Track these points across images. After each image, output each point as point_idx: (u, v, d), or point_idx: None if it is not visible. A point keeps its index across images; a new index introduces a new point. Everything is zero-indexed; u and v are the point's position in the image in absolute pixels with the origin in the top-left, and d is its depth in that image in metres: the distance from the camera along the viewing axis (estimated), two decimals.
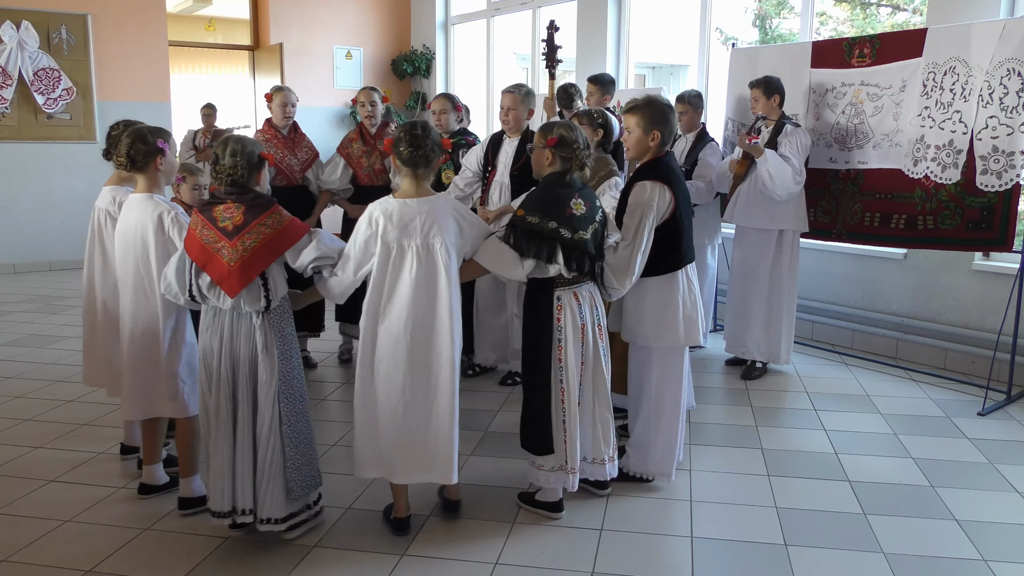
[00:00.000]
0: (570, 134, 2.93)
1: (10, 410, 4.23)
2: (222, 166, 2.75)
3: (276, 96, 4.87)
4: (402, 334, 2.74)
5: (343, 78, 9.80)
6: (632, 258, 3.03)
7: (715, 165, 4.98)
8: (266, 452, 2.76)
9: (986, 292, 4.84)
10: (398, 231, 2.72)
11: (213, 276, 2.71)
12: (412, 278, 2.72)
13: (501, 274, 2.95)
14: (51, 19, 8.03)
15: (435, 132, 2.86)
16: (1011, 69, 4.12)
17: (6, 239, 8.07)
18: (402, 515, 2.94)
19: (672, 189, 3.09)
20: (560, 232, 2.83)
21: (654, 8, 9.00)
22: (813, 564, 2.77)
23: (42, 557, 2.80)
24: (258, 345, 2.75)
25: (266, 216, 2.74)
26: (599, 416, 3.05)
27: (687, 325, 3.20)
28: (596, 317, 3.03)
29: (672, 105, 3.25)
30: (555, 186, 2.92)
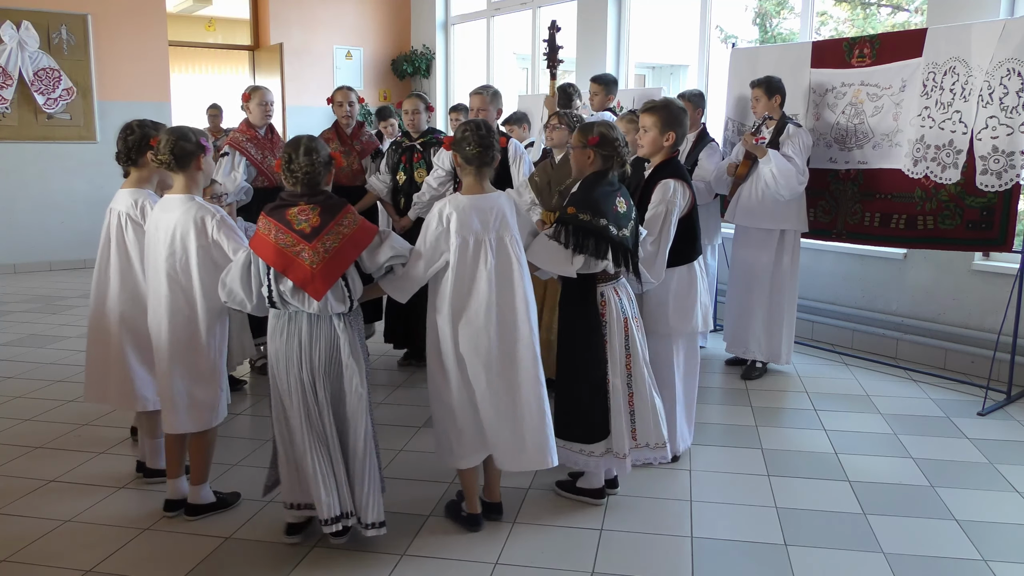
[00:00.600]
0: (611, 132, 3.01)
1: (10, 410, 4.23)
2: (298, 165, 2.68)
3: (254, 96, 4.74)
4: (483, 328, 2.78)
5: (343, 78, 9.79)
6: (660, 252, 3.27)
7: (715, 165, 4.98)
8: (364, 458, 2.74)
9: (986, 292, 4.84)
10: (475, 226, 2.77)
11: (296, 280, 2.64)
12: (488, 272, 2.77)
13: (552, 271, 3.00)
14: (51, 19, 8.03)
15: (495, 128, 2.94)
16: (1011, 69, 4.12)
17: (6, 239, 8.07)
18: (476, 510, 2.99)
19: (690, 187, 3.35)
20: (609, 229, 2.92)
21: (654, 8, 9.00)
22: (813, 564, 2.77)
23: (42, 557, 2.80)
24: (343, 349, 2.73)
25: (342, 216, 2.70)
26: (653, 400, 3.14)
27: (704, 312, 3.49)
28: (634, 310, 3.16)
29: (686, 109, 3.42)
30: (600, 184, 3.01)
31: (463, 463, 2.92)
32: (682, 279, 3.42)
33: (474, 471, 2.96)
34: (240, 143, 4.63)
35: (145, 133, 3.15)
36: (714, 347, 5.40)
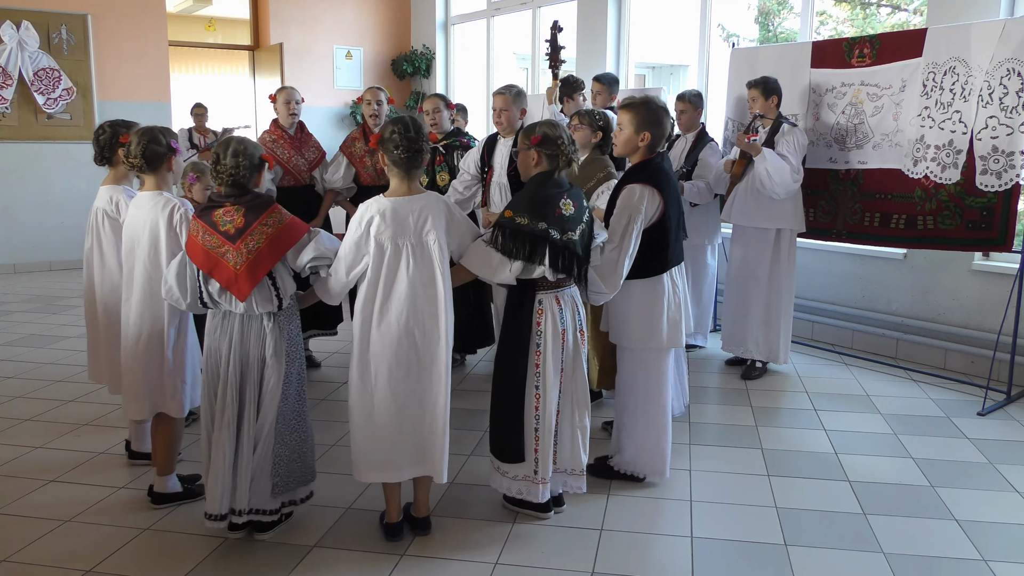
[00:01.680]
0: (553, 131, 2.87)
1: (10, 410, 4.23)
2: (224, 166, 2.72)
3: (280, 95, 4.90)
4: (402, 333, 2.71)
5: (343, 78, 9.80)
6: (619, 261, 3.02)
7: (715, 165, 4.98)
8: (262, 450, 2.77)
9: (986, 292, 4.84)
10: (392, 230, 2.69)
11: (221, 281, 2.69)
12: (408, 276, 2.70)
13: (487, 278, 2.85)
14: (51, 19, 8.03)
15: (424, 127, 2.84)
16: (1011, 69, 4.12)
17: (6, 239, 8.07)
18: (394, 520, 2.92)
19: (661, 192, 3.07)
20: (550, 233, 2.77)
21: (654, 8, 9.00)
22: (813, 564, 2.77)
23: (42, 557, 2.80)
24: (268, 348, 2.75)
25: (267, 216, 2.72)
26: (579, 424, 2.99)
27: (671, 328, 3.20)
28: (578, 322, 2.97)
29: (667, 109, 3.21)
30: (544, 186, 2.86)
31: (365, 476, 2.82)
32: (646, 292, 3.17)
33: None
34: (267, 144, 4.79)
35: (115, 132, 3.27)
36: (714, 347, 5.40)
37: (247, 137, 2.90)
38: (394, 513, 2.92)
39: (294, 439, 2.83)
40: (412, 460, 2.81)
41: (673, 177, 3.23)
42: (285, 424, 2.80)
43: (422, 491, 2.93)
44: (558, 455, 2.99)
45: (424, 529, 2.93)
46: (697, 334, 5.43)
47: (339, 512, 3.10)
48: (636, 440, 3.30)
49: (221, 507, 2.75)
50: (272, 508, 2.84)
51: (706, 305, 5.44)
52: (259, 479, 2.79)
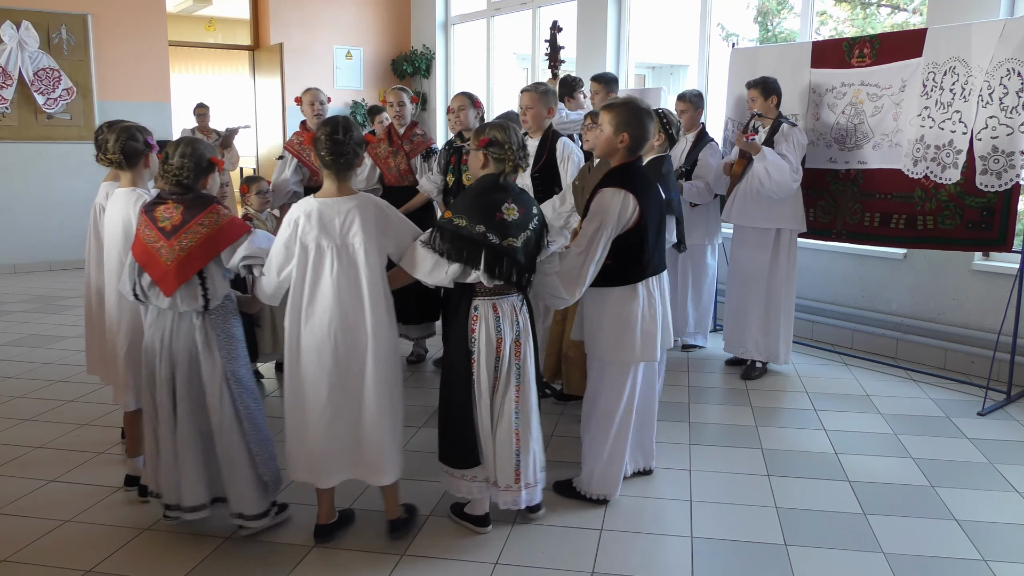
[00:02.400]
0: (502, 135, 2.80)
1: (10, 410, 4.23)
2: (170, 166, 2.77)
3: (305, 97, 4.92)
4: (327, 335, 2.69)
5: (343, 78, 9.80)
6: (584, 266, 2.89)
7: (715, 165, 4.98)
8: (224, 450, 2.80)
9: (986, 292, 4.84)
10: (317, 231, 2.66)
11: (152, 276, 2.74)
12: (334, 279, 2.67)
13: (424, 280, 2.79)
14: (51, 19, 8.03)
15: (358, 130, 2.77)
16: (1011, 69, 4.12)
17: (6, 239, 8.07)
18: (323, 522, 2.91)
19: (638, 197, 2.94)
20: (488, 237, 2.69)
21: (654, 8, 9.00)
22: (813, 564, 2.77)
23: (42, 557, 2.80)
24: (199, 344, 2.77)
25: (203, 215, 2.74)
26: (512, 437, 2.84)
27: (644, 341, 3.05)
28: (516, 332, 2.84)
29: (651, 112, 3.09)
30: (487, 189, 2.80)
31: (296, 474, 2.82)
32: (620, 301, 3.03)
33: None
34: (294, 146, 4.84)
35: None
36: (714, 347, 5.40)
37: (201, 139, 2.95)
38: (323, 514, 2.90)
39: (263, 437, 2.86)
40: (345, 465, 2.79)
41: (653, 182, 3.13)
42: (250, 423, 2.82)
43: (386, 493, 2.90)
44: (496, 467, 2.88)
45: (395, 531, 2.91)
46: (697, 334, 5.44)
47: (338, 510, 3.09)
48: (594, 457, 3.17)
49: (170, 499, 2.84)
50: (257, 512, 2.86)
51: (706, 305, 5.44)
52: (238, 479, 2.81)
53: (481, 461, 2.87)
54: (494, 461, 2.86)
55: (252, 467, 2.83)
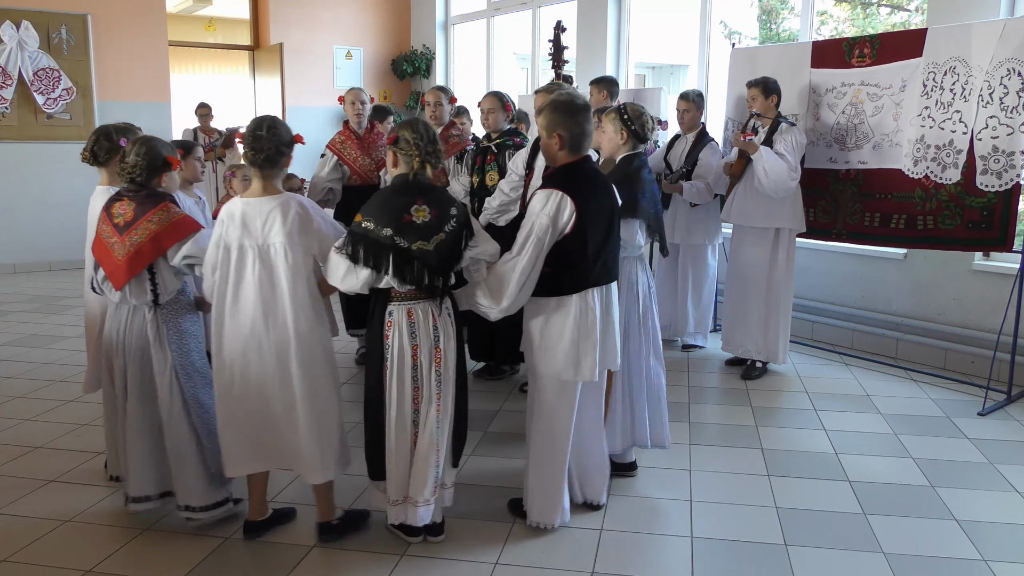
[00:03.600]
0: (408, 132, 2.68)
1: (10, 410, 4.23)
2: (125, 164, 2.84)
3: (347, 96, 4.92)
4: (251, 335, 2.70)
5: (343, 78, 9.79)
6: (512, 273, 2.70)
7: (715, 165, 4.98)
8: (172, 443, 2.86)
9: (986, 292, 4.83)
10: (239, 231, 2.66)
11: (105, 270, 2.83)
12: (256, 279, 2.67)
13: (339, 287, 2.69)
14: (51, 19, 8.03)
15: (285, 129, 2.74)
16: (1011, 69, 4.12)
17: (6, 239, 8.07)
18: (252, 517, 2.92)
19: (576, 200, 2.72)
20: (395, 240, 2.59)
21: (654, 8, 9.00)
22: (813, 564, 2.77)
23: (42, 557, 2.80)
24: (149, 337, 2.85)
25: (153, 212, 2.80)
26: (432, 450, 2.72)
27: (578, 357, 2.80)
28: (434, 340, 2.70)
29: (578, 103, 2.84)
30: (397, 190, 2.69)
31: (230, 470, 2.83)
32: (553, 313, 2.81)
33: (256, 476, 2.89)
34: (336, 145, 4.87)
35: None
36: (714, 347, 5.40)
37: (158, 138, 2.99)
38: (253, 510, 2.93)
39: (212, 431, 2.90)
40: (266, 458, 2.82)
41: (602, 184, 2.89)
42: (199, 416, 2.89)
43: (316, 493, 2.89)
44: (412, 482, 2.75)
45: (322, 535, 2.89)
46: (697, 334, 5.44)
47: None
48: (530, 477, 2.98)
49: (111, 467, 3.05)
50: (204, 504, 2.91)
51: (707, 305, 5.44)
52: (185, 471, 2.87)
53: (384, 476, 2.77)
54: (406, 474, 2.75)
55: (200, 459, 2.89)
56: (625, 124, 3.25)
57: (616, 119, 3.26)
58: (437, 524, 2.87)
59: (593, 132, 2.92)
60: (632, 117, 3.25)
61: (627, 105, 3.31)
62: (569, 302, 2.80)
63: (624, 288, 3.25)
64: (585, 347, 2.81)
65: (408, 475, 2.75)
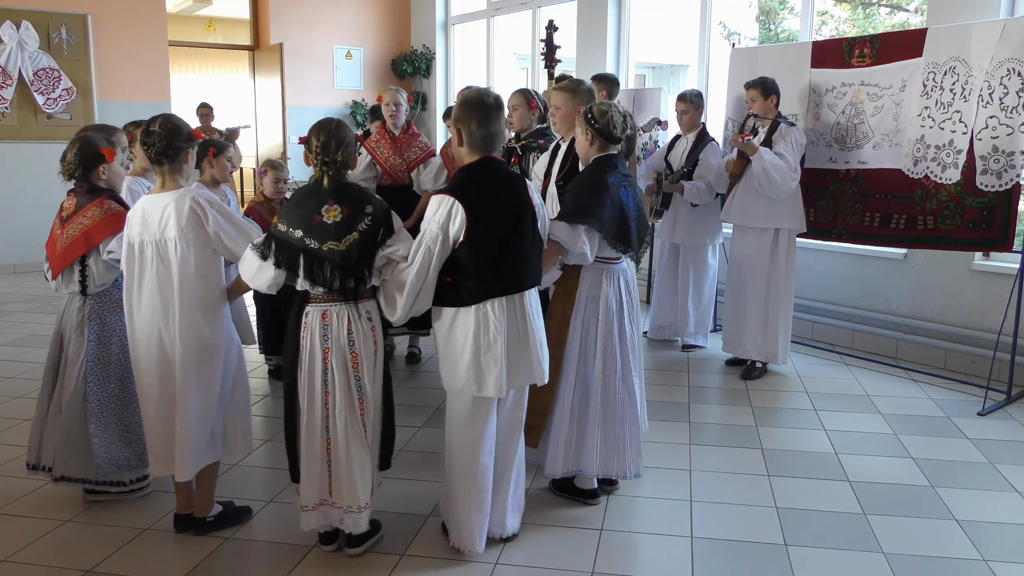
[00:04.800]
0: (314, 134, 2.65)
1: (10, 410, 4.23)
2: (65, 163, 2.99)
3: (384, 96, 4.95)
4: (150, 331, 2.76)
5: (343, 78, 9.80)
6: (404, 284, 2.59)
7: (715, 165, 4.98)
8: (67, 420, 3.00)
9: (986, 292, 4.84)
10: (140, 226, 2.73)
11: (49, 260, 3.04)
12: (154, 273, 2.73)
13: (251, 284, 2.69)
14: (51, 19, 8.03)
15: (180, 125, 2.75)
16: (1011, 69, 4.12)
17: (6, 239, 8.07)
18: (179, 511, 2.96)
19: (468, 206, 2.57)
20: (305, 242, 2.56)
21: (654, 8, 9.00)
22: (813, 564, 2.77)
23: (42, 557, 2.80)
24: (73, 323, 3.02)
25: (89, 208, 2.96)
26: (354, 457, 2.64)
27: (479, 372, 2.64)
28: (348, 344, 2.63)
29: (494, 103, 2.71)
30: (309, 191, 2.66)
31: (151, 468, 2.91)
32: (454, 325, 2.68)
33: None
34: (371, 143, 4.91)
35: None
36: (714, 347, 5.40)
37: (90, 133, 3.11)
38: (179, 504, 2.95)
39: (113, 422, 3.03)
40: (162, 459, 2.84)
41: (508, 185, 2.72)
42: (98, 405, 3.00)
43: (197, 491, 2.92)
44: (333, 486, 2.68)
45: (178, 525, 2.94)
46: (698, 334, 5.44)
47: None
48: (446, 503, 2.85)
49: (30, 457, 3.14)
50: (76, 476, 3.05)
51: (707, 305, 5.44)
52: (69, 449, 3.01)
53: (299, 479, 2.71)
54: (318, 479, 2.68)
55: (87, 446, 3.00)
56: (589, 124, 3.05)
57: (582, 120, 3.08)
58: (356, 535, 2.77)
59: (504, 133, 2.83)
60: (596, 116, 3.04)
61: (592, 105, 3.13)
62: (465, 315, 2.66)
63: (583, 301, 3.09)
64: (487, 361, 2.64)
65: (322, 481, 2.69)
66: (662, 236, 5.44)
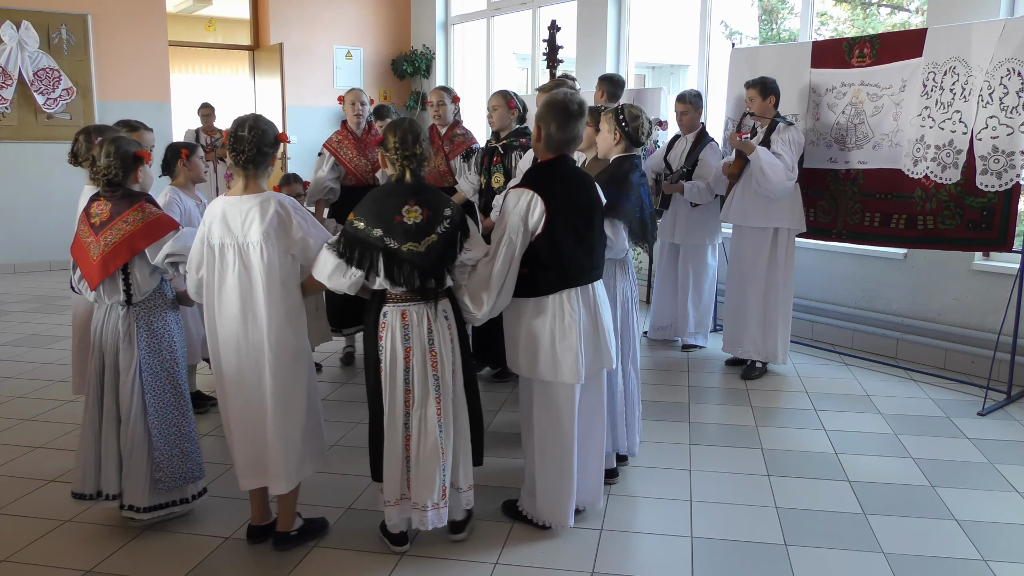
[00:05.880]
0: (390, 137, 2.67)
1: (10, 410, 4.23)
2: (98, 167, 2.84)
3: (347, 96, 4.94)
4: (231, 335, 2.67)
5: (343, 78, 9.79)
6: (493, 277, 2.69)
7: (715, 165, 4.98)
8: (127, 440, 2.84)
9: (986, 292, 4.84)
10: (221, 230, 2.64)
11: (81, 270, 2.87)
12: (236, 277, 2.64)
13: (328, 285, 2.67)
14: (51, 19, 8.03)
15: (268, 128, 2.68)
16: (1011, 69, 4.12)
17: (6, 239, 8.07)
18: (254, 523, 2.88)
19: (546, 199, 2.70)
20: (384, 241, 2.58)
21: (654, 8, 9.00)
22: (813, 564, 2.77)
23: (42, 557, 2.80)
24: (120, 334, 2.86)
25: (128, 213, 2.81)
26: (431, 454, 2.68)
27: (557, 359, 2.77)
28: (428, 342, 2.66)
29: (577, 109, 2.81)
30: (389, 190, 2.69)
31: (240, 484, 2.79)
32: (530, 316, 2.79)
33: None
34: (332, 144, 4.88)
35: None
36: (714, 347, 5.40)
37: (123, 135, 3.02)
38: (255, 515, 2.89)
39: (171, 434, 2.88)
40: (252, 471, 2.76)
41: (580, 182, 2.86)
42: (158, 416, 2.85)
43: (279, 502, 2.83)
44: (412, 482, 2.72)
45: (278, 544, 2.83)
46: (698, 334, 5.44)
47: (339, 512, 3.10)
48: (534, 481, 2.97)
49: (83, 487, 2.89)
50: (144, 505, 2.87)
51: (707, 305, 5.44)
52: (133, 472, 2.84)
53: (382, 478, 2.74)
54: (407, 477, 2.73)
55: (148, 461, 2.86)
56: (619, 125, 3.25)
57: (612, 119, 3.27)
58: (458, 522, 2.88)
59: (582, 137, 2.90)
60: (628, 119, 3.25)
61: (626, 106, 3.32)
62: (544, 305, 2.78)
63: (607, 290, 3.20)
64: (563, 349, 2.77)
65: (402, 477, 2.73)
66: (662, 236, 5.44)
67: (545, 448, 2.90)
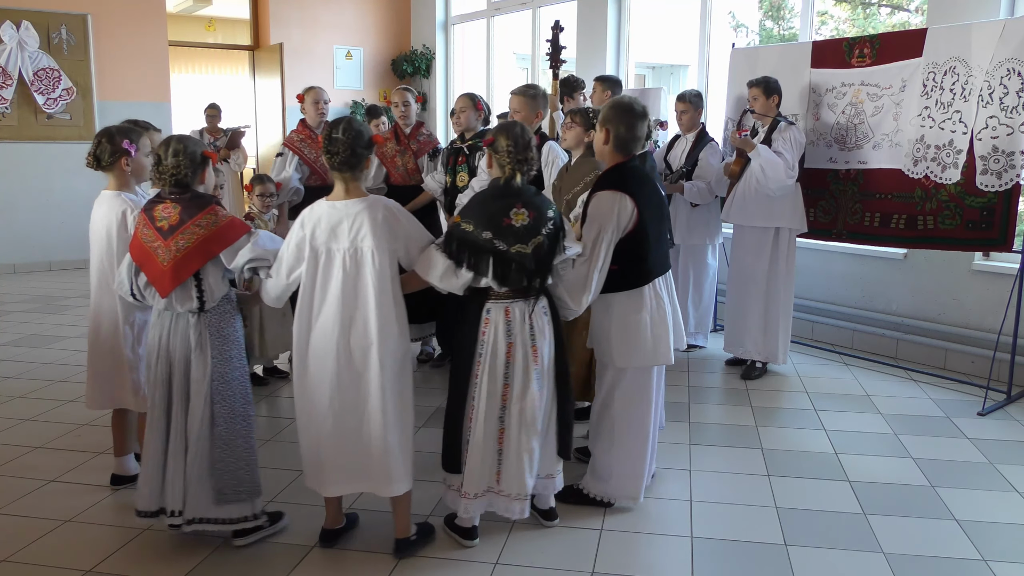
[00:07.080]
0: (501, 138, 2.73)
1: (10, 410, 4.23)
2: (165, 167, 2.72)
3: (308, 95, 4.94)
4: (335, 342, 2.63)
5: (343, 78, 9.79)
6: (589, 275, 2.85)
7: (715, 165, 4.98)
8: (195, 451, 2.73)
9: (986, 292, 4.83)
10: (326, 235, 2.60)
11: (148, 276, 2.73)
12: (340, 283, 2.60)
13: (436, 285, 2.71)
14: (51, 19, 8.03)
15: (365, 131, 2.66)
16: (1011, 69, 4.12)
17: (6, 239, 8.07)
18: (329, 527, 2.87)
19: (635, 199, 2.88)
20: (494, 243, 2.64)
21: (654, 8, 9.00)
22: (813, 564, 2.77)
23: (42, 557, 2.80)
24: (192, 343, 2.73)
25: (201, 216, 2.70)
26: (524, 447, 2.76)
27: (655, 343, 2.98)
28: (530, 338, 2.75)
29: (640, 108, 2.98)
30: (496, 193, 2.74)
31: (310, 482, 2.77)
32: (624, 308, 2.97)
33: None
34: (294, 143, 4.86)
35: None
36: (714, 347, 5.40)
37: (189, 135, 2.96)
38: (329, 519, 2.87)
39: (239, 444, 2.77)
40: (350, 475, 2.72)
41: (651, 181, 3.07)
42: (225, 427, 2.75)
43: (396, 509, 2.81)
44: (502, 475, 2.79)
45: (399, 551, 2.80)
46: (698, 334, 5.44)
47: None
48: (609, 462, 3.11)
49: (149, 504, 2.78)
50: (220, 517, 2.78)
51: (707, 305, 5.44)
52: (198, 483, 2.73)
53: (462, 470, 2.78)
54: (489, 468, 2.78)
55: (210, 474, 2.75)
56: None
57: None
58: (550, 509, 3.03)
59: (643, 139, 3.06)
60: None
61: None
62: (641, 295, 2.97)
63: None
64: (660, 332, 2.99)
65: (492, 471, 2.79)
66: None
67: (627, 430, 3.08)
